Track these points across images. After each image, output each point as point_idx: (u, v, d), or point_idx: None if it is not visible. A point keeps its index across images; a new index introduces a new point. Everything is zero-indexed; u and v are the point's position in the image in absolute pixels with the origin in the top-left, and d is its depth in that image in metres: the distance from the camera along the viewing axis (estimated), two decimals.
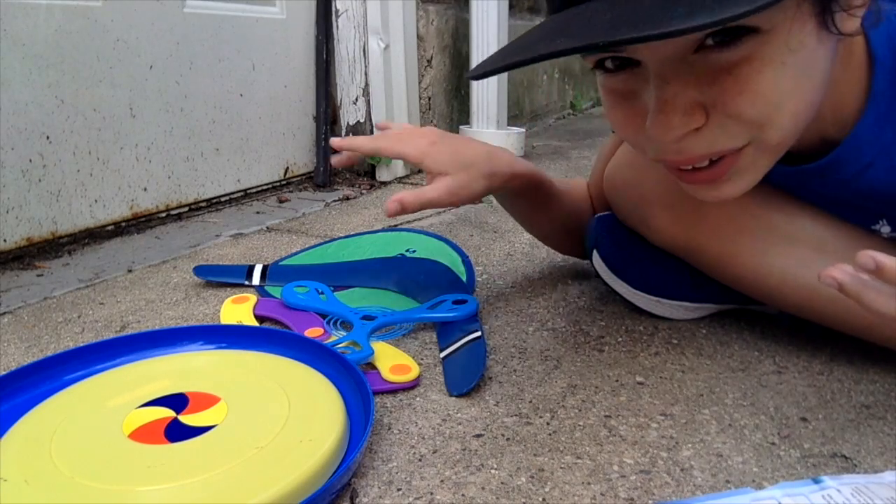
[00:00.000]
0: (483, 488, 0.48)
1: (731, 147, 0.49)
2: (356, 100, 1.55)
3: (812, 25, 0.44)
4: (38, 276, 0.94)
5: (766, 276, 0.63)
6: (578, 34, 0.39)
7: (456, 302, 0.74)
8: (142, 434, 0.50)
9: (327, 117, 1.52)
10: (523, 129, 1.81)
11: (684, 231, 0.67)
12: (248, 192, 1.40)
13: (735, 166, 0.50)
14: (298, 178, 1.52)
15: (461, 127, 1.78)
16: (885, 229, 0.60)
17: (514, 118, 2.11)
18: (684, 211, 0.65)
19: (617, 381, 0.63)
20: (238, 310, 0.76)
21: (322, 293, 0.79)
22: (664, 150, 0.50)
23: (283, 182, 1.48)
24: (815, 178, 0.59)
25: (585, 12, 0.41)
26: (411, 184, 1.53)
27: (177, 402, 0.54)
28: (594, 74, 0.52)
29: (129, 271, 0.95)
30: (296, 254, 0.98)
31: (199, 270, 0.90)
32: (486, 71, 0.44)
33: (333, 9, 1.50)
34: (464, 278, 0.87)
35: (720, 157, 0.49)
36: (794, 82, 0.46)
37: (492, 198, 1.35)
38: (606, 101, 0.52)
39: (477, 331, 0.68)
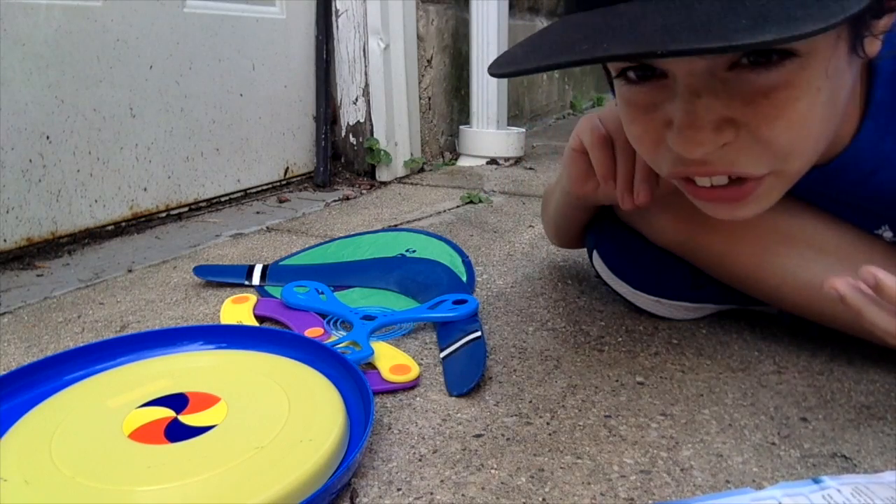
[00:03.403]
0: (483, 488, 0.48)
1: (751, 172, 0.47)
2: (356, 100, 1.55)
3: (845, 51, 0.44)
4: (38, 276, 0.94)
5: (765, 276, 0.63)
6: (629, 38, 0.36)
7: (456, 302, 0.74)
8: (142, 434, 0.50)
9: (327, 117, 1.52)
10: (523, 129, 1.81)
11: (685, 229, 0.67)
12: (248, 192, 1.40)
13: (756, 192, 0.49)
14: (298, 178, 1.52)
15: (461, 127, 1.78)
16: (888, 234, 0.60)
17: (514, 118, 2.11)
18: (685, 209, 0.65)
19: (617, 381, 0.63)
20: (238, 310, 0.76)
21: (322, 293, 0.79)
22: (688, 163, 0.48)
23: (283, 182, 1.48)
24: (818, 184, 0.59)
25: (628, 13, 0.38)
26: (411, 184, 1.53)
27: (177, 402, 0.54)
28: (594, 76, 0.52)
29: (129, 271, 0.95)
30: (296, 254, 0.98)
31: (199, 270, 0.90)
32: (520, 70, 0.41)
33: (333, 9, 1.50)
34: (464, 278, 0.87)
35: (739, 177, 0.48)
36: (824, 110, 0.45)
37: (491, 198, 1.35)
38: (625, 114, 0.50)
39: (477, 331, 0.68)
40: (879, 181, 0.55)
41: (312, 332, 0.70)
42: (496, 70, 0.42)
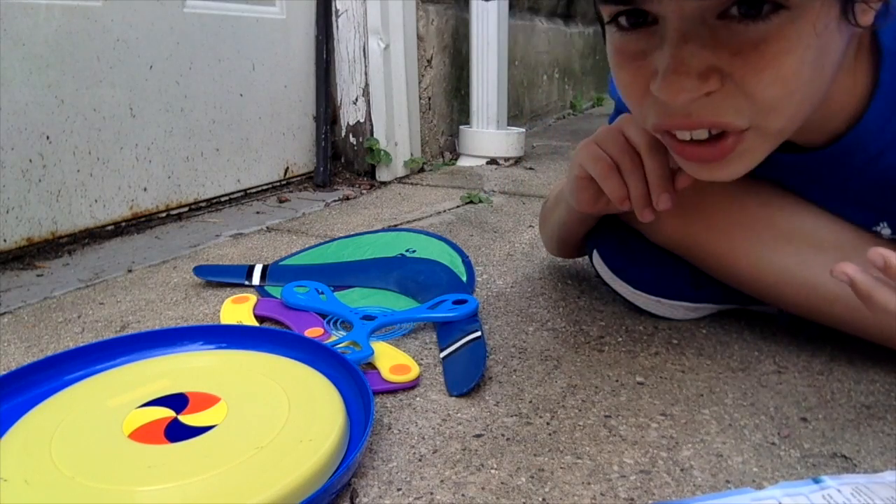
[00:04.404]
0: (483, 488, 0.48)
1: (733, 124, 0.47)
2: (356, 100, 1.55)
3: (835, 13, 0.44)
4: (38, 276, 0.94)
5: (764, 274, 0.63)
6: None
7: (456, 302, 0.74)
8: (142, 434, 0.50)
9: (327, 117, 1.52)
10: (523, 129, 1.81)
11: (684, 227, 0.67)
12: (248, 192, 1.40)
13: (736, 150, 0.49)
14: (298, 178, 1.52)
15: (461, 127, 1.78)
16: (886, 231, 0.60)
17: (514, 118, 2.11)
18: (684, 207, 0.65)
19: (617, 381, 0.63)
20: (238, 310, 0.76)
21: (322, 293, 0.79)
22: (671, 113, 0.48)
23: (283, 182, 1.48)
24: (823, 166, 0.58)
25: None
26: (411, 184, 1.53)
27: (177, 402, 0.54)
28: (595, 76, 0.52)
29: (129, 271, 0.95)
30: (296, 254, 0.98)
31: (199, 270, 0.90)
32: None
33: (333, 9, 1.50)
34: (464, 278, 0.87)
35: (720, 132, 0.48)
36: (811, 70, 0.45)
37: (491, 198, 1.35)
38: (615, 61, 0.50)
39: (477, 331, 0.68)
40: (886, 164, 0.55)
41: (312, 332, 0.70)
42: None
